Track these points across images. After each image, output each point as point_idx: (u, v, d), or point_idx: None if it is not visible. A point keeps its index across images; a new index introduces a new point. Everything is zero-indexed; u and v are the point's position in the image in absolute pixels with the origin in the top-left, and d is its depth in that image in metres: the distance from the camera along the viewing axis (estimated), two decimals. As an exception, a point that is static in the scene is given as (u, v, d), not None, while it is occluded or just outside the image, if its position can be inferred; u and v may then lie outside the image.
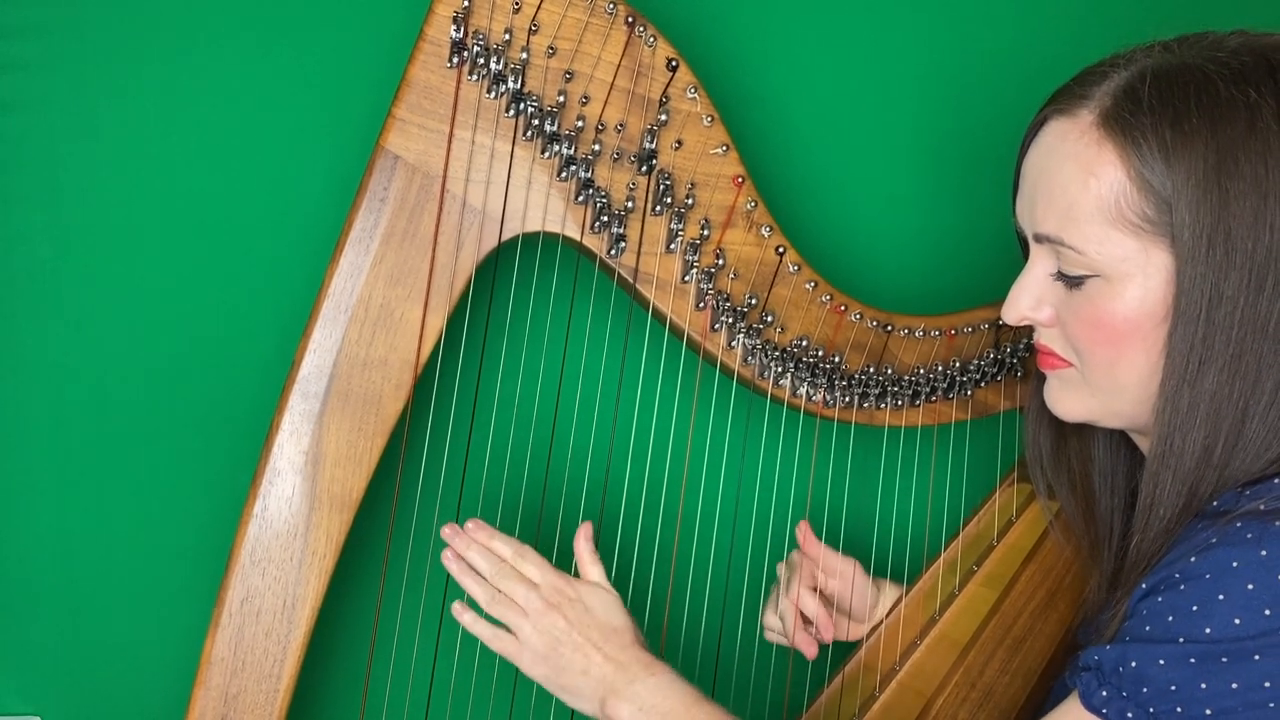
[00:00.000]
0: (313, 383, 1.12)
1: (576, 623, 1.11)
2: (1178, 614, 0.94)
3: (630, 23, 1.14)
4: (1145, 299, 1.01)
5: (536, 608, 1.11)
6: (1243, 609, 0.91)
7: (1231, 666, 0.92)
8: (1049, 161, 1.04)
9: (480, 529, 1.14)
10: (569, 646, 1.11)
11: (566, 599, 1.12)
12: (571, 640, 1.11)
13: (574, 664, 1.11)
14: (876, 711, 1.23)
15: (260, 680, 1.11)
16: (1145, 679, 0.94)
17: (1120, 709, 0.95)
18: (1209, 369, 0.99)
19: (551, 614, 1.11)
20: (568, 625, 1.11)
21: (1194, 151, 0.97)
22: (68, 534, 1.26)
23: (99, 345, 1.25)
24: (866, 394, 1.27)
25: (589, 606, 1.12)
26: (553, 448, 1.28)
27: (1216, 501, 1.00)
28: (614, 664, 1.11)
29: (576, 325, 1.29)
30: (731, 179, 1.19)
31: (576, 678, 1.11)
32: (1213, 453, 1.00)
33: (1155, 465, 1.02)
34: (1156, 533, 1.02)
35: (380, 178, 1.12)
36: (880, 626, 1.31)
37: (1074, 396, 1.09)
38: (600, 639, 1.11)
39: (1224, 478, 1.00)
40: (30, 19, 1.21)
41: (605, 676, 1.10)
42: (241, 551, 1.11)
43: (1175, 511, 1.01)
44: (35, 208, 1.22)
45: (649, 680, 1.10)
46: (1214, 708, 0.92)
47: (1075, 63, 1.09)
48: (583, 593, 1.13)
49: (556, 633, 1.11)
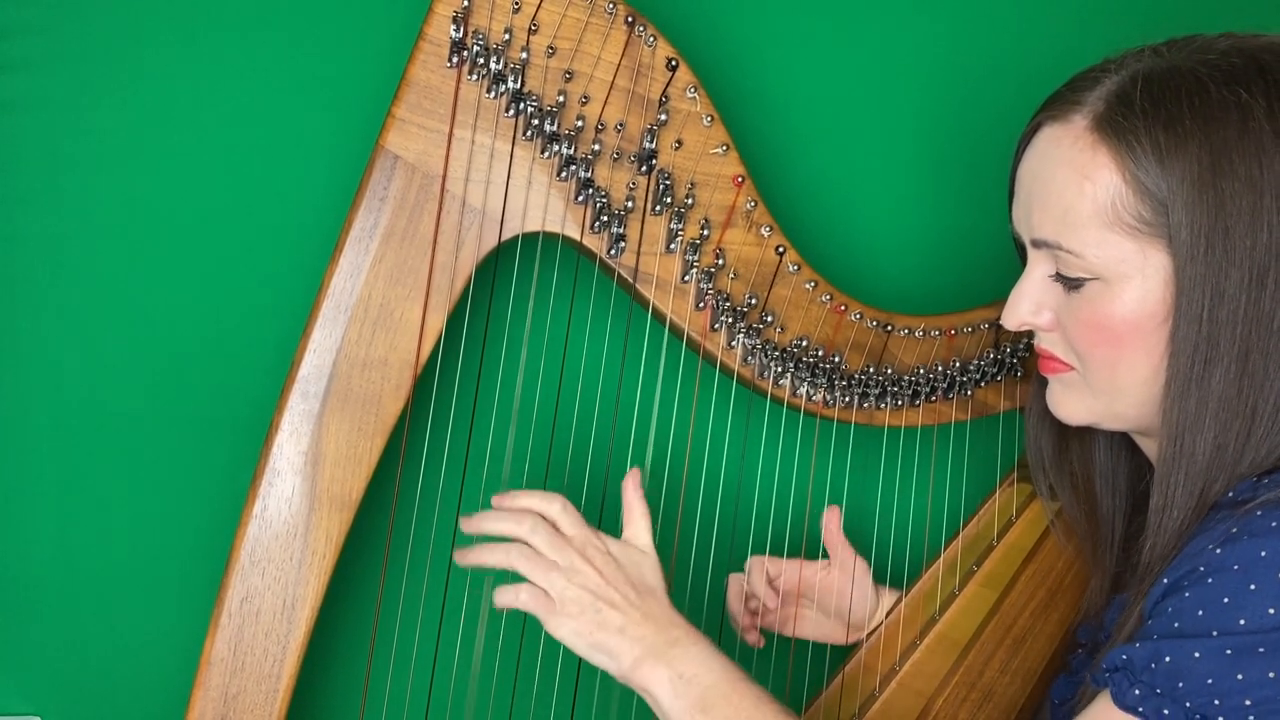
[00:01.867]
0: (312, 383, 1.12)
1: (612, 578, 1.06)
2: (1208, 607, 0.93)
3: (630, 22, 1.14)
4: (1144, 300, 1.01)
5: (571, 559, 1.06)
6: (1276, 598, 0.91)
7: (1269, 656, 0.91)
8: (1044, 167, 1.05)
9: (504, 495, 1.10)
10: (606, 602, 1.05)
11: (599, 552, 1.07)
12: (609, 595, 1.06)
13: (610, 621, 1.05)
14: (876, 712, 1.23)
15: (260, 680, 1.11)
16: (1180, 674, 0.94)
17: (1156, 706, 0.95)
18: (1215, 368, 0.99)
19: (585, 567, 1.06)
20: (603, 579, 1.06)
21: (1188, 153, 0.98)
22: (68, 534, 1.26)
23: (99, 345, 1.25)
24: (866, 394, 1.27)
25: (622, 563, 1.08)
26: (552, 447, 1.28)
27: (1232, 492, 1.00)
28: (654, 624, 1.06)
29: (576, 325, 1.29)
30: (731, 179, 1.19)
31: (613, 636, 1.05)
32: (1224, 452, 1.00)
33: (1167, 468, 1.02)
34: (1170, 534, 1.02)
35: (380, 177, 1.12)
36: (880, 627, 1.31)
37: (1076, 399, 1.09)
38: (636, 597, 1.06)
39: (1235, 475, 1.00)
40: (30, 19, 1.21)
41: (645, 636, 1.05)
42: (241, 551, 1.11)
43: (1188, 513, 1.01)
44: (35, 208, 1.22)
45: (691, 648, 1.05)
46: (1253, 698, 0.92)
47: (1075, 64, 1.09)
48: (614, 548, 1.08)
49: (592, 585, 1.06)
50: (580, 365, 1.29)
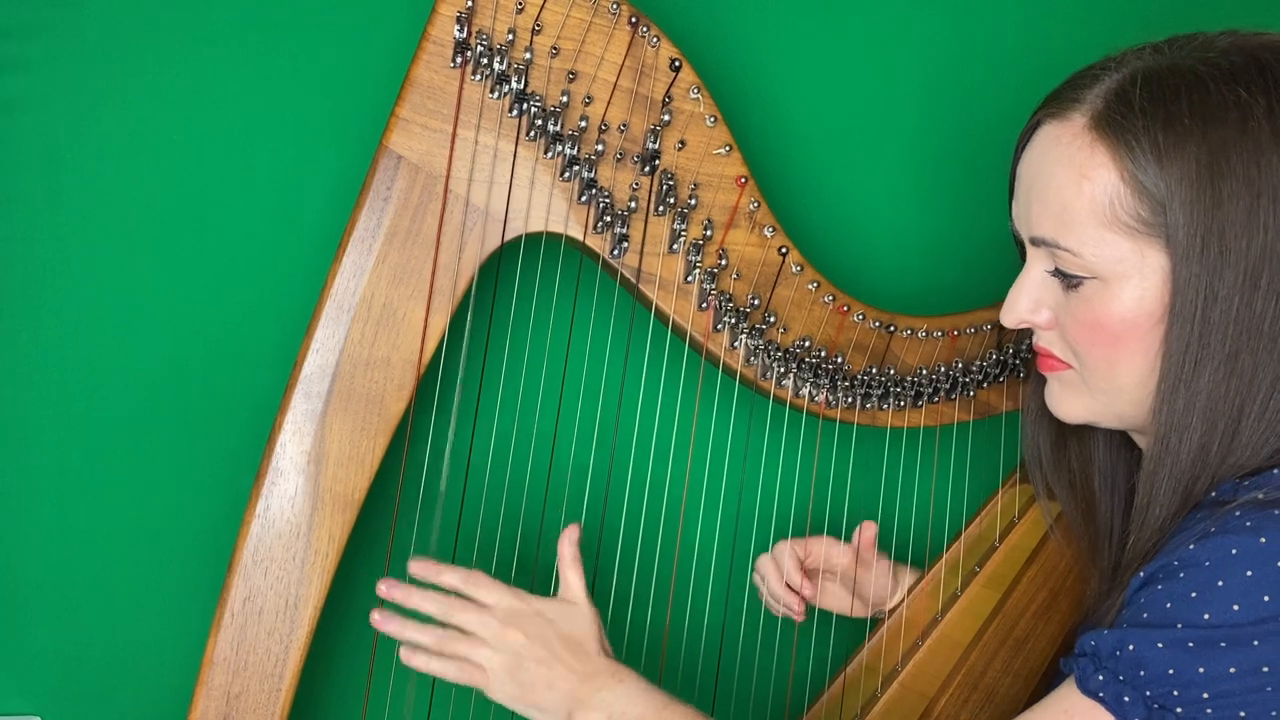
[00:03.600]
0: (315, 382, 1.11)
1: (536, 636, 1.09)
2: (1176, 600, 0.94)
3: (634, 23, 1.14)
4: (1142, 300, 1.01)
5: (493, 630, 1.09)
6: (1241, 595, 0.92)
7: (1230, 651, 0.92)
8: (1043, 165, 1.05)
9: (424, 566, 1.12)
10: (531, 660, 1.09)
11: (523, 615, 1.10)
12: (533, 654, 1.09)
13: (538, 679, 1.09)
14: (878, 712, 1.23)
15: (263, 680, 1.11)
16: (1143, 663, 0.95)
17: (1117, 692, 0.96)
18: (1204, 368, 0.99)
19: (509, 631, 1.09)
20: (527, 640, 1.09)
21: (1186, 152, 0.98)
22: (68, 534, 1.26)
23: (100, 345, 1.25)
24: (869, 395, 1.27)
25: (549, 618, 1.10)
26: (555, 449, 1.28)
27: (1215, 492, 1.00)
28: (578, 674, 1.09)
29: (579, 325, 1.28)
30: (734, 179, 1.19)
31: (543, 693, 1.09)
32: (1209, 451, 1.00)
33: (1152, 465, 1.03)
34: (1152, 530, 1.03)
35: (383, 177, 1.12)
36: (882, 628, 1.31)
37: (1074, 398, 1.09)
38: (562, 650, 1.09)
39: (1219, 475, 1.00)
40: (30, 19, 1.20)
41: (571, 689, 1.09)
42: (244, 551, 1.10)
43: (1171, 510, 1.02)
44: (35, 208, 1.22)
45: (616, 688, 1.09)
46: (1211, 691, 0.93)
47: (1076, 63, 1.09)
48: (540, 606, 1.11)
49: (517, 648, 1.09)
50: (583, 366, 1.29)
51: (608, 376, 1.29)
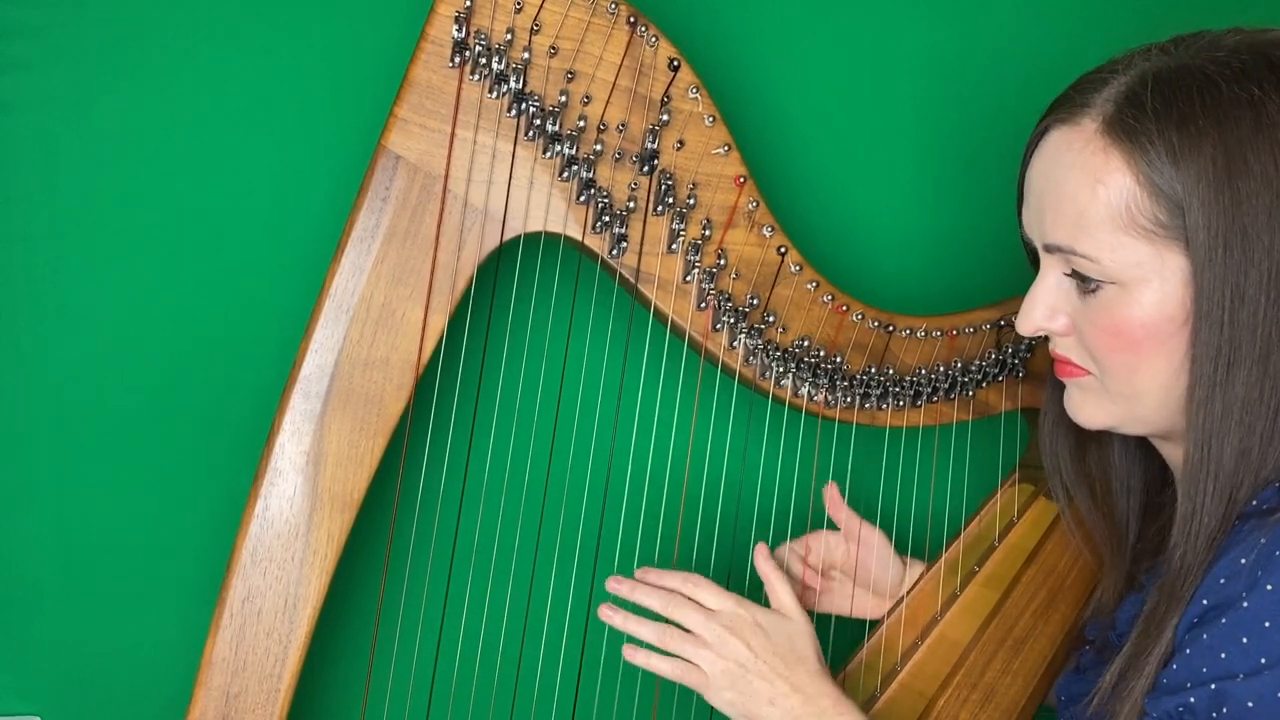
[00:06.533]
0: (314, 382, 1.11)
1: (759, 649, 1.10)
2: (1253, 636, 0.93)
3: (632, 23, 1.14)
4: (1163, 304, 1.00)
5: (716, 634, 1.10)
6: None
7: None
8: (1055, 171, 1.04)
9: (648, 571, 1.14)
10: (755, 674, 1.09)
11: (746, 624, 1.11)
12: (757, 668, 1.09)
13: (760, 692, 1.09)
14: (878, 712, 1.23)
15: (261, 680, 1.11)
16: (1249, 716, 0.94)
17: None
18: (1238, 371, 0.98)
19: (733, 640, 1.10)
20: (750, 653, 1.10)
21: (1202, 153, 0.97)
22: (68, 534, 1.26)
23: (99, 345, 1.25)
24: (868, 394, 1.27)
25: (770, 633, 1.11)
26: (554, 447, 1.28)
27: (1257, 499, 0.99)
28: (801, 695, 1.10)
29: (578, 325, 1.29)
30: (733, 179, 1.19)
31: (764, 707, 1.09)
32: (1250, 455, 0.99)
33: (1194, 472, 1.01)
34: (1202, 541, 1.01)
35: (382, 177, 1.12)
36: (882, 627, 1.31)
37: (1095, 404, 1.08)
38: (784, 668, 1.10)
39: (1260, 479, 0.99)
40: (30, 19, 1.20)
41: (792, 708, 1.09)
42: (243, 551, 1.10)
43: (1218, 519, 1.00)
44: (35, 208, 1.22)
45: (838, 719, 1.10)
46: None
47: (1078, 62, 1.09)
48: (759, 617, 1.11)
49: (741, 658, 1.10)
50: (581, 366, 1.29)
51: (607, 376, 1.30)
